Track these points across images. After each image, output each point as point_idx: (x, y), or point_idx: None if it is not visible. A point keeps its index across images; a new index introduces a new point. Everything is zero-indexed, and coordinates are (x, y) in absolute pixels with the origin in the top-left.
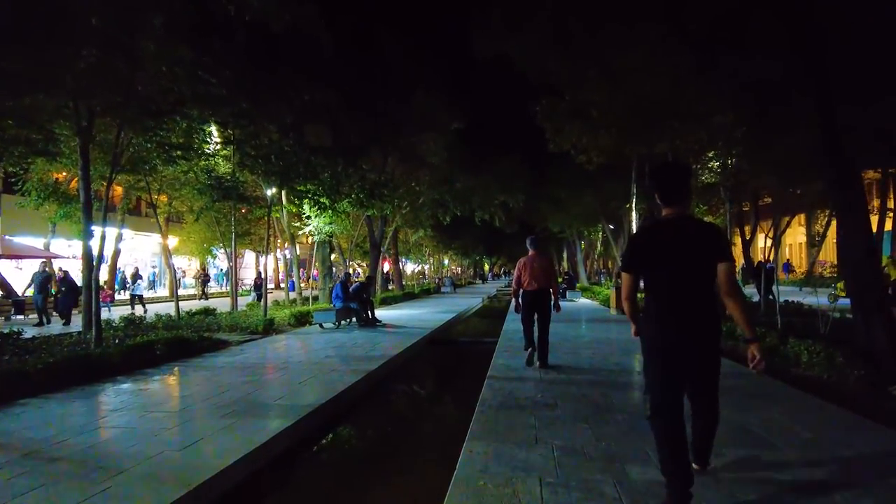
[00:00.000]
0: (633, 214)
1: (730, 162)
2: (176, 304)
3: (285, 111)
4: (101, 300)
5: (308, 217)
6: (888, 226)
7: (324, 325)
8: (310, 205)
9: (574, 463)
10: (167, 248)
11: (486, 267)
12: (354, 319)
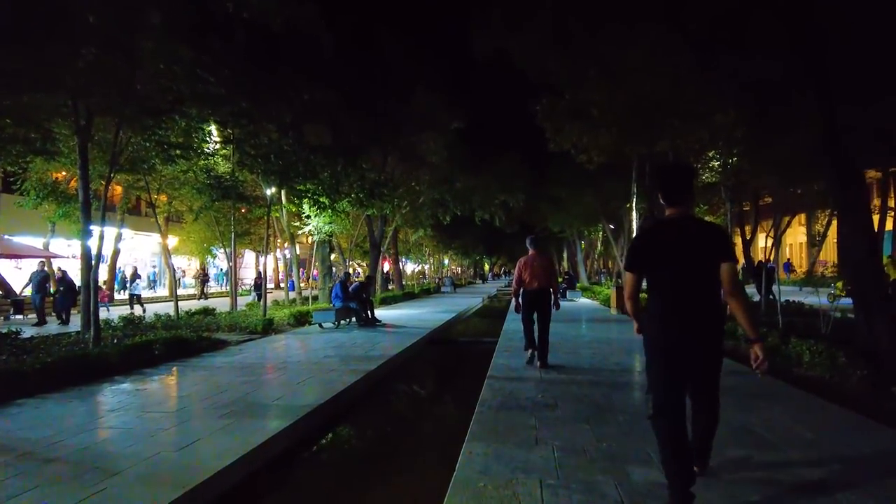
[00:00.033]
0: (633, 214)
1: (730, 161)
2: (175, 303)
3: (285, 110)
4: (99, 300)
5: (308, 216)
6: (889, 225)
7: (323, 325)
8: (309, 204)
9: (575, 464)
10: (167, 247)
11: (486, 267)
12: (354, 319)
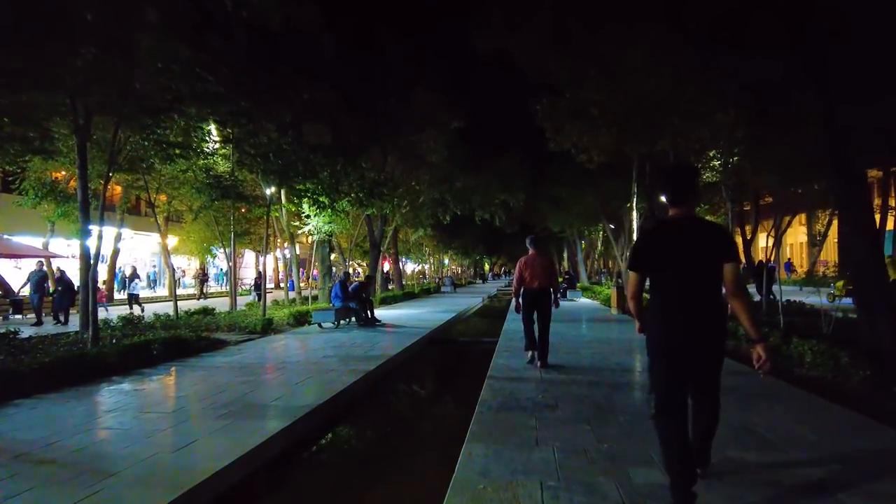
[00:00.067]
0: (633, 214)
1: (731, 161)
2: (174, 303)
3: (284, 110)
4: (97, 300)
5: (307, 216)
6: (890, 225)
7: (322, 325)
8: (309, 204)
9: (576, 465)
10: (166, 247)
11: (487, 267)
12: (353, 319)
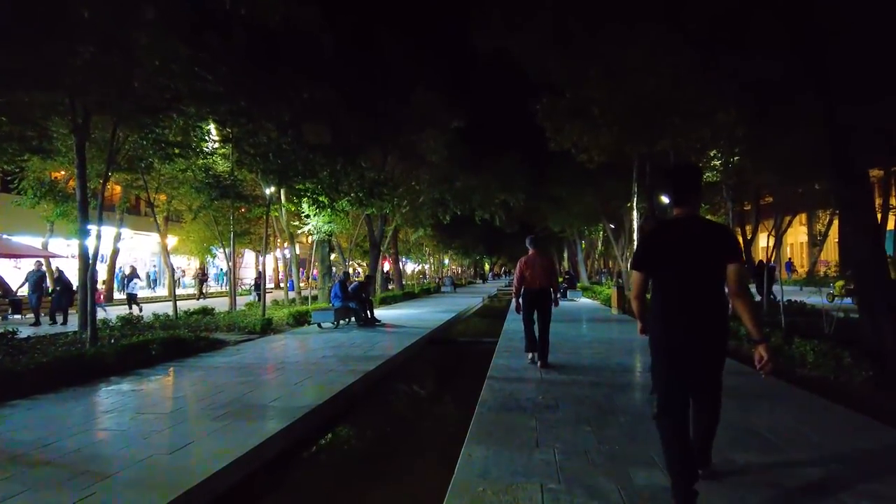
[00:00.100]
0: (633, 213)
1: (732, 160)
2: (174, 303)
3: (284, 109)
4: (95, 300)
5: (307, 216)
6: (890, 224)
7: (322, 325)
8: (308, 203)
9: (577, 467)
10: (166, 247)
11: (487, 266)
12: (353, 319)
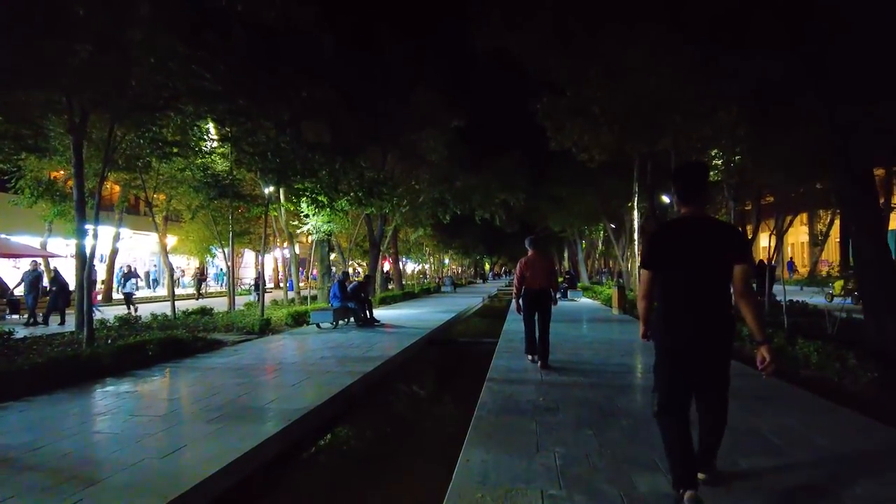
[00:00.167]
0: (634, 213)
1: (733, 159)
2: (172, 303)
3: (283, 109)
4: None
5: (306, 215)
6: (892, 224)
7: (321, 325)
8: (307, 203)
9: (578, 472)
10: (165, 247)
11: (487, 266)
12: (352, 319)
